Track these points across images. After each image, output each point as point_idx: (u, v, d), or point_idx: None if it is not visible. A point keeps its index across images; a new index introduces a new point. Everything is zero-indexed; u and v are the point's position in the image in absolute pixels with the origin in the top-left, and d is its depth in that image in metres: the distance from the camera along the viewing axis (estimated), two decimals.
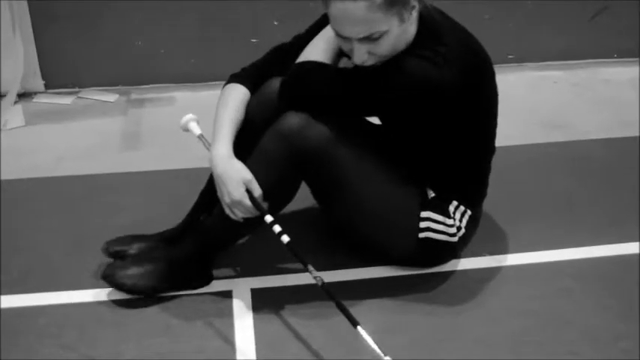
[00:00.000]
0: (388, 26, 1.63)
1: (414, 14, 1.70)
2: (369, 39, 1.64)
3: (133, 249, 2.00)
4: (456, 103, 1.72)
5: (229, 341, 1.79)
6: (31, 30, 3.04)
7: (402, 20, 1.65)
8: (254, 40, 3.16)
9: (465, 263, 2.03)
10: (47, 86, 3.17)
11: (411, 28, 1.72)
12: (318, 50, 1.82)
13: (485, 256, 2.07)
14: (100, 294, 1.93)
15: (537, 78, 3.36)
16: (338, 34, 1.68)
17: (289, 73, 1.80)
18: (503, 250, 2.11)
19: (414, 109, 1.74)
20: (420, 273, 1.99)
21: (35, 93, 3.15)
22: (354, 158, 1.80)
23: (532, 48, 3.43)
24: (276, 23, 3.14)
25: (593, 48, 3.47)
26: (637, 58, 3.45)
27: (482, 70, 1.80)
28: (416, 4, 1.68)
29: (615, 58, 3.48)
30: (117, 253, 1.98)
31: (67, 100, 3.12)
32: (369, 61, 1.69)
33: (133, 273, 1.89)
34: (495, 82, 1.86)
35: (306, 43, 1.88)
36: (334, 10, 1.63)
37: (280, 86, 1.80)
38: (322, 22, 1.90)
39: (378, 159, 1.84)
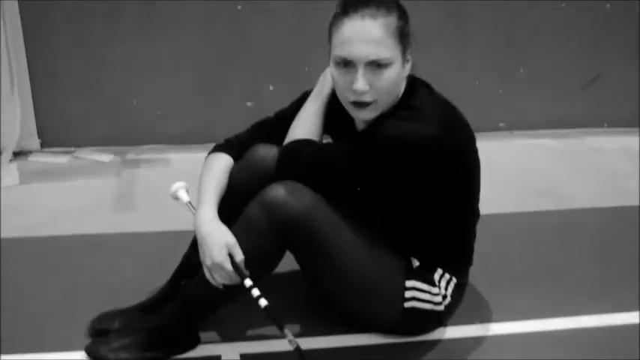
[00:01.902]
0: (394, 58, 1.68)
1: (407, 67, 1.75)
2: (375, 65, 1.67)
3: (116, 324, 1.99)
4: (438, 158, 1.73)
5: None
6: (29, 89, 3.08)
7: (404, 59, 1.72)
8: (249, 104, 3.21)
9: (453, 331, 2.02)
10: (43, 145, 3.20)
11: (402, 82, 1.77)
12: (305, 125, 1.87)
13: (473, 324, 2.06)
14: None
15: (528, 146, 3.40)
16: (342, 61, 1.70)
17: (280, 152, 1.84)
18: (492, 319, 2.09)
19: (399, 169, 1.74)
20: (406, 341, 1.97)
21: (31, 151, 3.18)
22: (338, 229, 1.81)
23: (523, 116, 3.47)
24: (271, 88, 3.19)
25: (585, 117, 3.52)
26: (628, 128, 3.50)
27: (461, 130, 1.81)
28: (410, 60, 1.74)
29: (606, 127, 3.52)
30: (101, 332, 1.97)
31: (62, 160, 3.15)
32: (368, 97, 1.70)
33: (115, 346, 1.88)
34: (476, 149, 1.87)
35: (288, 120, 1.93)
36: (347, 29, 1.67)
37: (276, 166, 1.83)
38: (304, 98, 1.96)
39: (362, 229, 1.85)
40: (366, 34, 1.66)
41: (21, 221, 2.63)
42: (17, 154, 3.14)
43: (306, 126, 1.88)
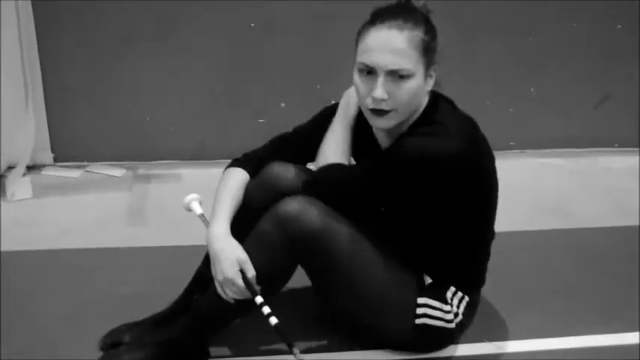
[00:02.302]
0: (416, 70, 1.70)
1: (430, 83, 1.77)
2: (396, 75, 1.68)
3: (127, 338, 1.99)
4: (459, 173, 1.73)
5: None
6: (43, 103, 3.10)
7: (426, 74, 1.73)
8: (261, 121, 3.22)
9: (464, 349, 2.02)
10: (56, 159, 3.22)
11: (424, 95, 1.78)
12: (335, 147, 1.90)
13: (484, 342, 2.06)
14: None
15: (539, 165, 3.40)
16: (365, 68, 1.72)
17: (312, 176, 1.87)
18: (503, 337, 2.09)
19: (420, 184, 1.75)
20: (416, 358, 1.97)
21: (44, 165, 3.20)
22: (352, 244, 1.81)
23: (534, 135, 3.48)
24: (283, 105, 3.21)
25: (595, 136, 3.52)
26: (638, 148, 3.50)
27: (482, 148, 1.82)
28: (434, 76, 1.76)
29: (616, 147, 3.52)
30: (112, 345, 1.97)
31: (75, 174, 3.17)
32: (386, 105, 1.71)
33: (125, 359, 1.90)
34: (495, 168, 1.88)
35: (306, 135, 1.96)
36: (372, 38, 1.69)
37: (302, 188, 1.85)
38: (324, 114, 1.98)
39: (375, 245, 1.85)
40: (389, 44, 1.68)
41: (33, 234, 2.64)
42: (30, 168, 3.16)
43: (336, 148, 1.90)
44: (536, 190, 3.16)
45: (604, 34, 3.33)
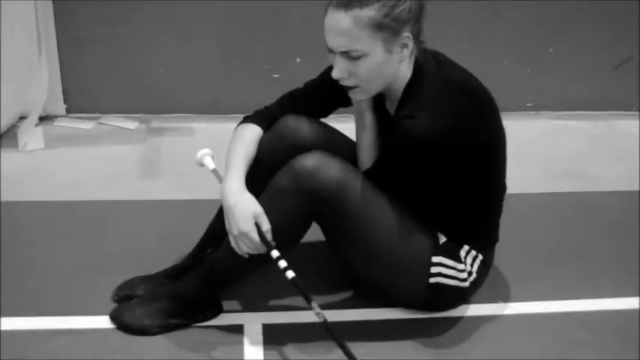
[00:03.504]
0: (369, 49, 1.67)
1: (406, 52, 1.73)
2: (349, 56, 1.68)
3: (140, 291, 2.00)
4: (459, 144, 1.74)
5: None
6: (56, 54, 3.08)
7: (387, 50, 1.69)
8: (275, 76, 3.20)
9: (476, 309, 2.02)
10: (69, 110, 3.21)
11: (401, 66, 1.76)
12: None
13: (496, 302, 2.06)
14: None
15: (555, 127, 3.37)
16: (328, 48, 1.73)
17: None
18: (515, 298, 2.09)
19: (426, 164, 1.77)
20: (429, 317, 1.97)
21: (56, 116, 3.19)
22: (368, 200, 1.80)
23: (551, 96, 3.43)
24: (298, 60, 3.17)
25: (614, 99, 3.47)
26: None
27: (479, 109, 1.80)
28: (410, 43, 1.72)
29: (634, 110, 3.48)
30: (125, 298, 1.98)
31: (87, 126, 3.16)
32: (349, 82, 1.74)
33: (138, 313, 1.89)
34: (499, 119, 1.86)
35: (316, 90, 1.97)
36: (326, 20, 1.70)
37: None
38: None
39: (390, 203, 1.84)
40: (336, 26, 1.67)
41: (45, 185, 2.65)
42: (43, 119, 3.15)
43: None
44: (552, 152, 3.13)
45: None
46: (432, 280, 1.86)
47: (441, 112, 1.71)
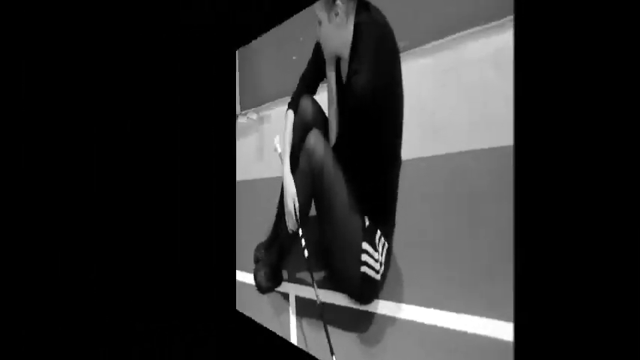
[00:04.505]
0: (322, 18, 1.83)
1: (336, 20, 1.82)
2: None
3: (261, 254, 2.28)
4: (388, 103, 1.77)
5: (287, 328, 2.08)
6: None
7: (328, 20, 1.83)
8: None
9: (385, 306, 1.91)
10: None
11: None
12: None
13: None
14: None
15: None
16: None
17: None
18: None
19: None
20: (358, 309, 1.94)
21: None
22: (337, 182, 1.84)
23: None
24: None
25: None
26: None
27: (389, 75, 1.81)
28: (339, 11, 1.81)
29: None
30: (257, 258, 2.30)
31: None
32: None
33: (260, 274, 2.21)
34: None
35: (315, 66, 2.06)
36: None
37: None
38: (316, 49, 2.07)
39: (343, 181, 1.85)
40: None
41: None
42: None
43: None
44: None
45: None
46: (362, 269, 1.85)
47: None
